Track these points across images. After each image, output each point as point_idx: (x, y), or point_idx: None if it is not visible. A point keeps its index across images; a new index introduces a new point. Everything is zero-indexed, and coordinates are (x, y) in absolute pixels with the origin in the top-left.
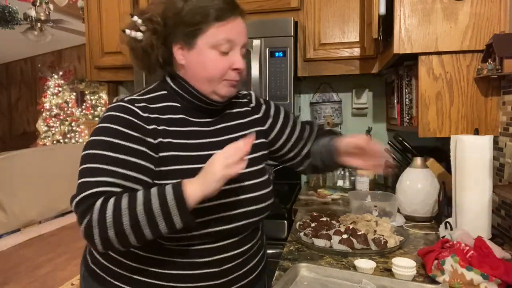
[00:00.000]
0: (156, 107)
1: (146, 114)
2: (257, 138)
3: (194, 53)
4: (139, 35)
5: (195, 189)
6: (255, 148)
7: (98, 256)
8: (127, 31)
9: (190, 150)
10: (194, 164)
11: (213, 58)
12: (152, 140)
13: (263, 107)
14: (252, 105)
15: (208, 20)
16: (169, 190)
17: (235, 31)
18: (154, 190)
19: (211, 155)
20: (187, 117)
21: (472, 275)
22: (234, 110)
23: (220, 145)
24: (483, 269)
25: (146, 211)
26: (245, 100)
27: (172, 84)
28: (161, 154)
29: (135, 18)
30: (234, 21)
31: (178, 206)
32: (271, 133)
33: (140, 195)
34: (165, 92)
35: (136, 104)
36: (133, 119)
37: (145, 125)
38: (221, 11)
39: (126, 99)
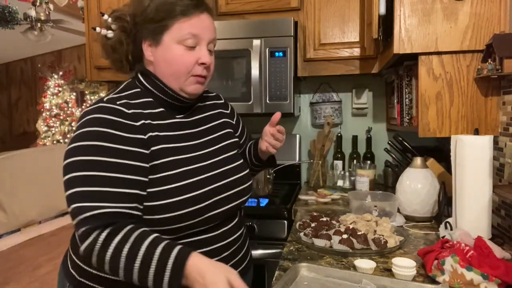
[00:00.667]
0: (136, 102)
1: (131, 111)
2: (225, 128)
3: (161, 49)
4: (109, 33)
5: (194, 277)
6: (225, 136)
7: (87, 268)
8: (97, 29)
9: (175, 141)
10: (182, 154)
11: (179, 53)
12: (142, 137)
13: (230, 107)
14: (221, 101)
15: (173, 16)
16: (170, 262)
17: (200, 26)
18: (158, 252)
19: (194, 145)
20: (164, 110)
21: (472, 275)
22: (205, 103)
23: (199, 136)
24: (483, 269)
25: (141, 268)
26: (213, 95)
27: (144, 81)
28: (152, 149)
29: (105, 16)
30: (199, 16)
31: (171, 280)
32: (237, 131)
33: (143, 248)
34: (139, 89)
35: (118, 102)
36: (120, 119)
37: (132, 123)
38: (185, 6)
39: (105, 99)
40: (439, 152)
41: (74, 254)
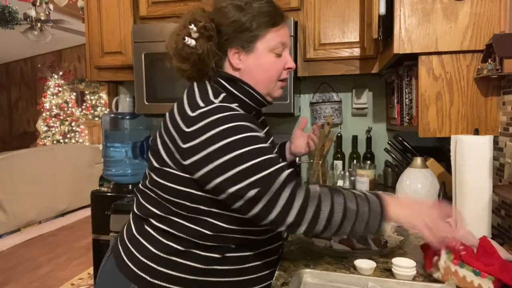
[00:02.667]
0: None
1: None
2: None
3: (252, 57)
4: (192, 42)
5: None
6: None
7: (162, 268)
8: (186, 38)
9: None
10: None
11: (271, 61)
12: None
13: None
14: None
15: (266, 26)
16: (376, 201)
17: (286, 34)
18: (364, 195)
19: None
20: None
21: (464, 272)
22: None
23: (267, 138)
24: (475, 265)
25: (359, 210)
26: None
27: (229, 87)
28: None
29: (192, 26)
30: (284, 26)
31: (380, 219)
32: None
33: (352, 194)
34: (225, 94)
35: (232, 105)
36: (251, 125)
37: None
38: (275, 17)
39: (217, 101)
40: (439, 152)
41: (143, 256)
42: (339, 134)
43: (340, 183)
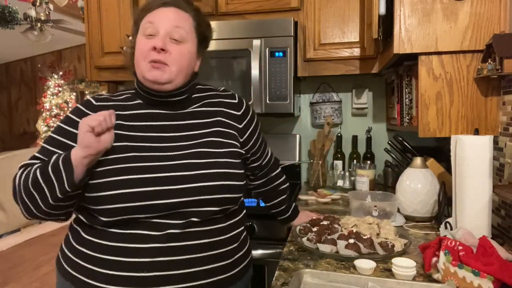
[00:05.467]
0: (119, 98)
1: (98, 103)
2: (217, 126)
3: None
4: (129, 50)
5: (77, 150)
6: (210, 133)
7: (69, 254)
8: (125, 48)
9: (135, 130)
10: (133, 142)
11: (140, 42)
12: None
13: (243, 110)
14: (233, 101)
15: (142, 16)
16: (59, 155)
17: (159, 16)
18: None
19: (159, 137)
20: (142, 102)
21: (464, 273)
22: (208, 100)
23: (186, 128)
24: (474, 265)
25: (41, 172)
26: (225, 93)
27: (135, 82)
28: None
29: (130, 38)
30: (161, 9)
31: (64, 165)
32: (242, 136)
33: (40, 168)
34: (134, 90)
35: (96, 96)
36: (83, 108)
37: (90, 112)
38: (150, 4)
39: (96, 95)
40: (439, 152)
41: (64, 243)
42: (339, 134)
43: (340, 183)
